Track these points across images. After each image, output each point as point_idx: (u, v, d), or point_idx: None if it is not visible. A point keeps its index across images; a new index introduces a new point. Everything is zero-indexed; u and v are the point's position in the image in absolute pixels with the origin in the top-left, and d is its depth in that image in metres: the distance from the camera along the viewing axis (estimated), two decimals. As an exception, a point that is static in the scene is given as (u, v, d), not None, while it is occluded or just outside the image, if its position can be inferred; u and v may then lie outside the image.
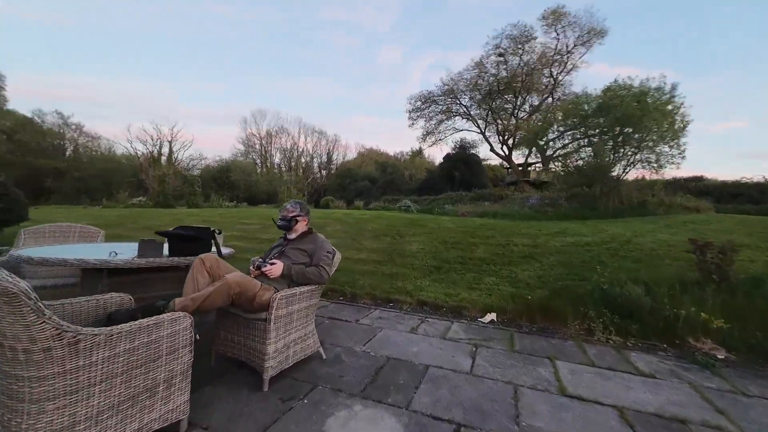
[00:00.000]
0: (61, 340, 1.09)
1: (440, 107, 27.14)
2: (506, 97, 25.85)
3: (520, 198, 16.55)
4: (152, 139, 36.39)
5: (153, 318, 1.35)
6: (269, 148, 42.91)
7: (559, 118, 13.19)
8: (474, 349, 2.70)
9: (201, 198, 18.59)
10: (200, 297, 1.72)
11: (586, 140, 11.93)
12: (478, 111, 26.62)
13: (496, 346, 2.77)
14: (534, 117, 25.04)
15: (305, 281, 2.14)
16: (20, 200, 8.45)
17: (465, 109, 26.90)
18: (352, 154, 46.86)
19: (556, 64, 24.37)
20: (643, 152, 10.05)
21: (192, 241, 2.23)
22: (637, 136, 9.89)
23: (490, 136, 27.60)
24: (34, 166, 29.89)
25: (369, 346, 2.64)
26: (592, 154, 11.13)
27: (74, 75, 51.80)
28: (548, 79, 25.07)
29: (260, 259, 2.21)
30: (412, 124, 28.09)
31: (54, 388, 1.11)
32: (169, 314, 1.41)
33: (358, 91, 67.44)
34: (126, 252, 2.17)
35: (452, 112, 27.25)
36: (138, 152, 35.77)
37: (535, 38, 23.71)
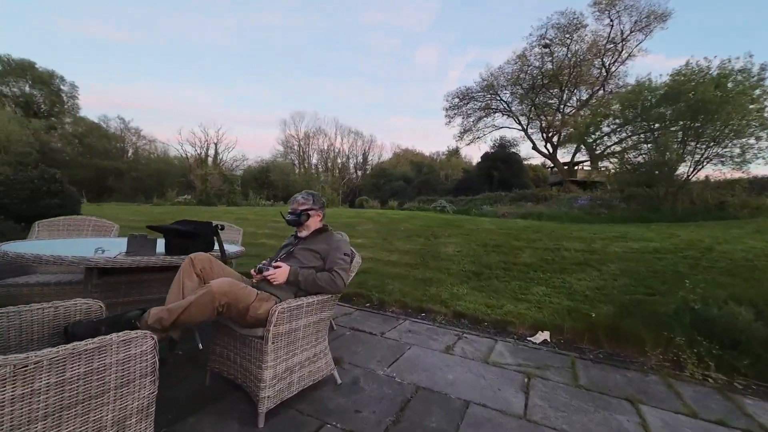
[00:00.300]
0: (-63, 375, 0.76)
1: (479, 104, 26.02)
2: (551, 91, 24.18)
3: (567, 198, 15.24)
4: (200, 142, 38.83)
5: (96, 340, 1.01)
6: (307, 149, 43.90)
7: (615, 109, 11.85)
8: (526, 380, 2.15)
9: (240, 197, 19.18)
10: (177, 309, 1.38)
11: (647, 134, 10.58)
12: (520, 107, 25.18)
13: (555, 378, 2.21)
14: (582, 112, 23.18)
15: (316, 290, 1.74)
16: (74, 197, 8.98)
17: (505, 105, 25.57)
18: (387, 155, 46.76)
19: (609, 53, 22.35)
20: (721, 145, 8.64)
21: (189, 238, 1.91)
22: (712, 127, 8.52)
23: (532, 133, 26.02)
24: (100, 167, 32.80)
25: (395, 369, 2.20)
26: (653, 149, 9.82)
27: (133, 84, 56.54)
28: (599, 71, 23.07)
29: (266, 262, 1.85)
30: (449, 121, 27.23)
31: (-64, 440, 0.79)
32: (122, 335, 1.07)
33: (395, 91, 67.34)
34: (117, 249, 1.90)
35: (492, 109, 26.02)
36: (188, 154, 38.29)
37: (585, 26, 21.91)
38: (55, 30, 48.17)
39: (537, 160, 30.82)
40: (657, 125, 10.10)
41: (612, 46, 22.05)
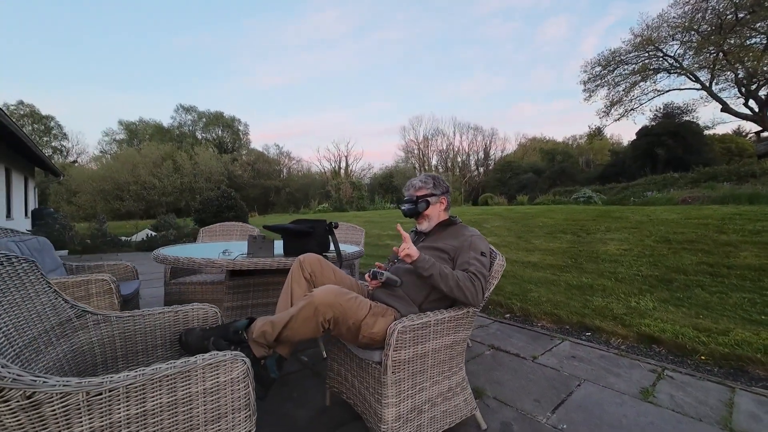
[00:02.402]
0: (5, 401, 0.64)
1: (631, 67, 20.91)
2: (752, 27, 17.39)
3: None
4: (334, 157, 44.25)
5: (179, 363, 0.82)
6: (426, 152, 44.36)
7: None
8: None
9: (367, 201, 20.56)
10: (280, 322, 1.15)
11: None
12: (698, 59, 19.03)
13: None
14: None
15: (450, 289, 1.25)
16: (243, 209, 11.12)
17: (673, 60, 19.79)
18: (511, 147, 43.12)
19: None
20: None
21: (303, 237, 1.75)
22: None
23: (720, 91, 19.30)
24: (265, 186, 40.82)
25: (563, 417, 1.54)
26: None
27: (284, 116, 68.78)
28: None
29: (382, 264, 1.51)
30: (589, 96, 22.71)
31: (22, 472, 0.68)
32: (207, 357, 0.86)
33: (518, 78, 61.61)
34: (240, 251, 1.89)
35: (651, 70, 20.53)
36: (325, 168, 44.14)
37: None
38: (235, 85, 63.27)
39: (725, 127, 22.81)
40: None
41: None
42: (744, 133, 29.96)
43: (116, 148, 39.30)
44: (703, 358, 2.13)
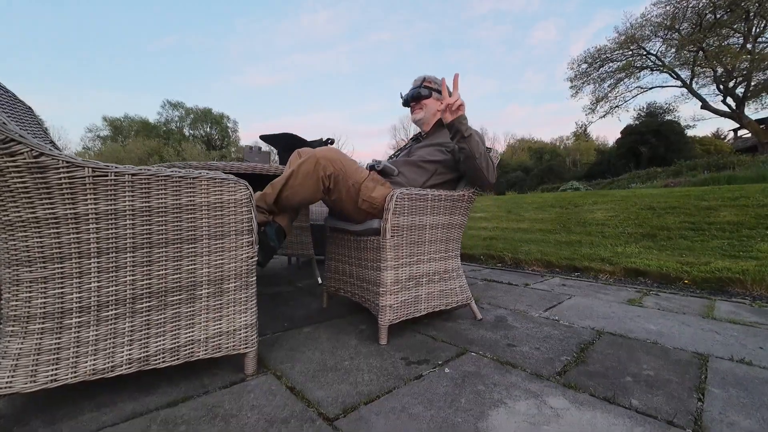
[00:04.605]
0: (11, 154, 0.64)
1: (616, 64, 21.46)
2: (729, 28, 18.07)
3: (774, 160, 10.91)
4: (324, 154, 44.16)
5: (183, 171, 0.82)
6: (416, 150, 44.64)
7: None
8: (811, 342, 1.25)
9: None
10: (280, 181, 1.16)
11: None
12: (679, 56, 19.66)
13: None
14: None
15: (479, 159, 1.24)
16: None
17: (655, 58, 20.38)
18: (500, 147, 43.73)
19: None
20: None
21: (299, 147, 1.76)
22: None
23: (700, 88, 19.97)
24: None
25: (555, 313, 1.59)
26: None
27: (275, 113, 68.29)
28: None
29: (376, 159, 1.53)
30: (575, 93, 23.20)
31: (27, 244, 0.68)
32: (210, 172, 0.87)
33: (508, 80, 62.56)
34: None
35: (635, 67, 21.11)
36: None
37: None
38: (225, 84, 62.49)
39: (704, 128, 23.62)
40: None
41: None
42: (722, 136, 31.11)
43: (100, 144, 38.35)
44: (686, 282, 2.22)
